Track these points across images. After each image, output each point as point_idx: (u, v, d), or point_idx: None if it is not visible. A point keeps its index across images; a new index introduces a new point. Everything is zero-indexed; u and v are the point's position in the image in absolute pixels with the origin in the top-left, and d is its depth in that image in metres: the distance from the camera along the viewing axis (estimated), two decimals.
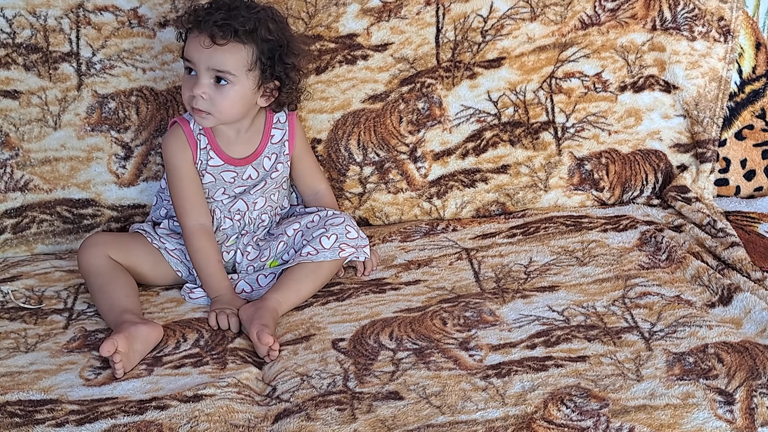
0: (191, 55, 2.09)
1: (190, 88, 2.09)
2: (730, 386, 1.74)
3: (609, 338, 1.89)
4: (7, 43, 2.32)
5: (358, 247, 2.17)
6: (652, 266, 2.17)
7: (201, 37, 2.07)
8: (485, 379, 1.79)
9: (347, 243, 2.15)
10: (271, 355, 1.92)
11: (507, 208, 2.48)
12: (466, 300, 2.06)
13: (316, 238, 2.14)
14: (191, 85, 2.09)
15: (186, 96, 2.11)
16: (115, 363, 1.85)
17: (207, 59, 2.07)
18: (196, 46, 2.08)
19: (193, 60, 2.08)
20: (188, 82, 2.11)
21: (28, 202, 2.37)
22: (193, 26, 2.10)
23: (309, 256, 2.12)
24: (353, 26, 2.38)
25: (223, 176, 2.20)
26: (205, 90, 2.08)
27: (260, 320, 1.97)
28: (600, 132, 2.47)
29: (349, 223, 2.19)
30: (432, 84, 2.43)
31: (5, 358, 1.93)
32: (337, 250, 2.14)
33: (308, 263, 2.12)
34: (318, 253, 2.13)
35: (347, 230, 2.17)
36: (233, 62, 2.08)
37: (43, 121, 2.35)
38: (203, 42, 2.07)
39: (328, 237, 2.14)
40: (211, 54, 2.07)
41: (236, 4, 2.11)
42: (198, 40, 2.07)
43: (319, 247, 2.13)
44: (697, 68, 2.45)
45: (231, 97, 2.10)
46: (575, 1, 2.41)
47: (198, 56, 2.08)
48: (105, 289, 2.08)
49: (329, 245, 2.14)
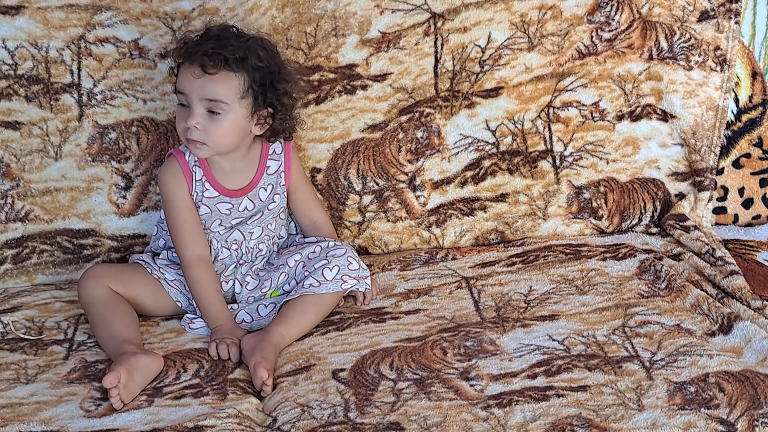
0: (183, 86, 2.10)
1: (184, 120, 2.11)
2: (731, 416, 1.74)
3: (610, 368, 1.90)
4: (9, 74, 2.33)
5: (360, 279, 2.18)
6: (652, 295, 2.17)
7: (192, 68, 2.09)
8: (486, 409, 1.79)
9: (349, 274, 2.16)
10: (264, 390, 1.92)
11: (506, 237, 2.49)
12: (467, 329, 2.06)
13: (318, 270, 2.15)
14: (185, 116, 2.10)
15: (180, 128, 2.12)
16: (112, 396, 1.85)
17: (199, 89, 2.08)
18: (188, 77, 2.09)
19: (186, 91, 2.09)
20: (182, 114, 2.12)
21: (28, 233, 2.37)
22: (184, 58, 2.11)
23: (311, 288, 2.12)
24: (352, 57, 2.39)
25: (218, 208, 2.20)
26: (199, 120, 2.09)
27: (261, 352, 1.97)
28: (598, 161, 2.48)
29: (351, 254, 2.19)
30: (431, 113, 2.44)
31: (5, 390, 1.93)
32: (340, 281, 2.14)
33: (310, 295, 2.12)
34: (320, 285, 2.13)
35: (349, 261, 2.17)
36: (225, 91, 2.09)
37: (44, 152, 2.35)
38: (194, 72, 2.08)
39: (330, 269, 2.15)
40: (203, 84, 2.08)
41: (225, 34, 2.14)
42: (189, 71, 2.09)
43: (321, 278, 2.13)
44: (694, 97, 2.46)
45: (225, 126, 2.11)
46: (572, 31, 2.42)
47: (190, 87, 2.09)
48: (105, 319, 2.08)
49: (331, 277, 2.14)
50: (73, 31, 2.33)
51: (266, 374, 1.91)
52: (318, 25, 2.36)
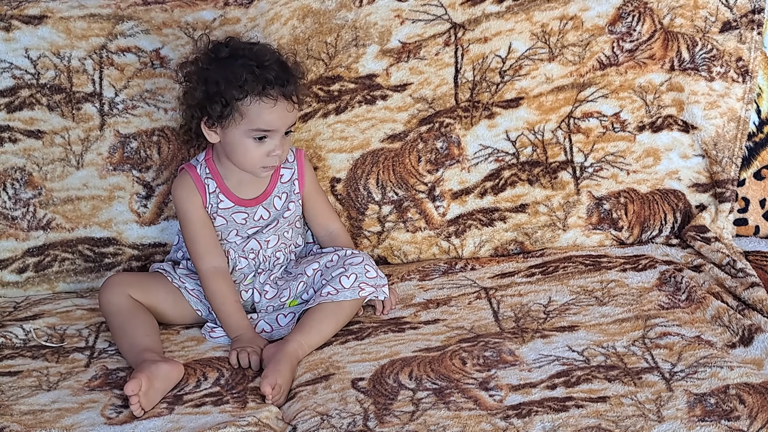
0: (276, 123, 2.11)
1: (264, 153, 2.12)
2: (752, 428, 1.73)
3: (629, 379, 1.89)
4: (32, 83, 2.35)
5: (377, 287, 2.18)
6: (672, 306, 2.16)
7: (283, 104, 2.11)
8: (506, 419, 1.78)
9: (366, 282, 2.16)
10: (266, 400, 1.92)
11: (525, 247, 2.49)
12: (486, 339, 2.06)
13: (336, 278, 2.15)
14: (266, 149, 2.12)
15: (258, 160, 2.13)
16: (132, 404, 1.86)
17: (289, 121, 2.14)
18: (282, 113, 2.11)
19: (277, 127, 2.11)
20: (260, 148, 2.12)
21: (50, 241, 2.39)
22: (256, 94, 2.09)
23: (329, 296, 2.13)
24: (373, 67, 2.40)
25: (234, 218, 2.21)
26: (284, 146, 2.14)
27: (275, 365, 1.96)
28: (618, 172, 2.48)
29: (368, 262, 2.19)
30: (450, 124, 2.44)
31: (27, 396, 1.94)
32: (357, 289, 2.15)
33: (329, 303, 2.13)
34: (338, 293, 2.13)
35: (366, 269, 2.17)
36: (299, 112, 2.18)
37: (65, 161, 2.37)
38: (288, 108, 2.12)
39: (348, 276, 2.15)
40: (292, 115, 2.14)
41: (274, 57, 2.15)
42: (282, 108, 2.11)
43: (339, 286, 2.14)
44: (715, 108, 2.45)
45: (290, 142, 2.19)
46: (593, 41, 2.42)
47: (283, 122, 2.12)
48: (126, 328, 2.09)
49: (349, 285, 2.14)
50: (95, 41, 2.34)
51: (269, 390, 1.90)
52: (338, 36, 2.37)
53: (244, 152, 2.13)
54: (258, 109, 2.10)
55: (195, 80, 2.16)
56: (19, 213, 2.37)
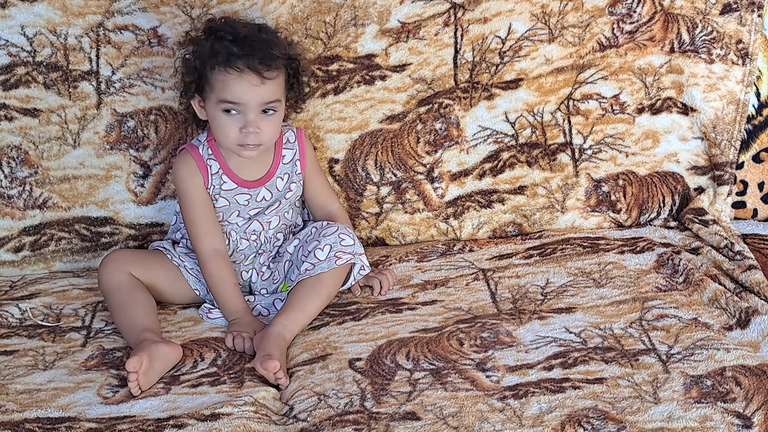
0: (241, 96, 2.07)
1: (237, 129, 2.09)
2: (748, 409, 1.73)
3: (626, 360, 1.89)
4: (28, 61, 2.33)
5: (354, 254, 2.16)
6: (670, 289, 2.16)
7: (247, 77, 2.06)
8: (502, 400, 1.78)
9: (342, 251, 2.14)
10: (279, 381, 1.91)
11: (524, 229, 2.48)
12: (483, 321, 2.06)
13: (311, 252, 2.13)
14: (237, 124, 2.09)
15: (233, 137, 2.10)
16: (131, 381, 1.85)
17: (258, 96, 2.08)
18: (246, 86, 2.07)
19: (244, 101, 2.07)
20: (232, 122, 2.09)
21: (46, 220, 2.38)
22: (224, 65, 2.07)
23: (307, 272, 2.11)
24: (372, 47, 2.39)
25: (237, 199, 2.20)
26: (258, 125, 2.09)
27: (262, 351, 1.95)
28: (617, 154, 2.47)
29: (343, 231, 2.17)
30: (450, 105, 2.43)
31: (24, 376, 1.94)
32: (334, 259, 2.13)
33: (308, 279, 2.11)
34: (315, 266, 2.11)
35: (341, 238, 2.15)
36: (277, 90, 2.11)
37: (62, 140, 2.36)
38: (253, 81, 2.07)
39: (322, 249, 2.13)
40: (261, 90, 2.08)
41: (257, 33, 2.13)
42: (246, 81, 2.06)
43: (315, 260, 2.12)
44: (715, 91, 2.45)
45: (275, 123, 2.13)
46: (593, 23, 2.41)
47: (249, 96, 2.07)
48: (125, 306, 2.09)
49: (324, 256, 2.12)
50: (92, 19, 2.33)
51: (276, 364, 1.89)
52: (337, 15, 2.36)
53: (218, 127, 2.11)
54: (223, 79, 2.08)
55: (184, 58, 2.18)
56: (16, 192, 2.37)
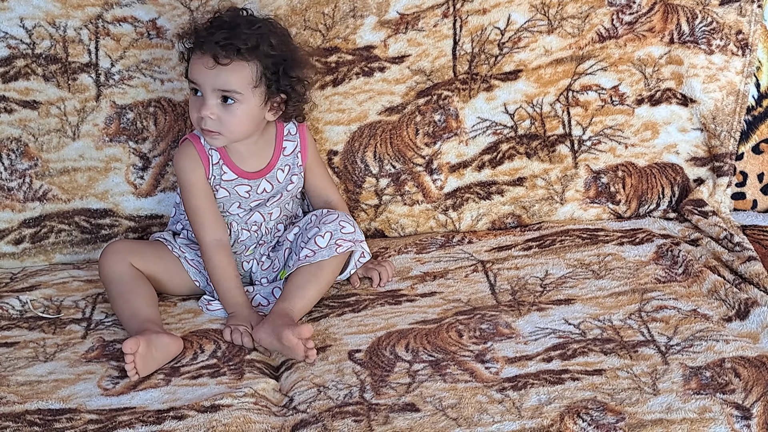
0: (196, 77, 2.08)
1: (197, 109, 2.09)
2: (747, 401, 1.73)
3: (625, 352, 1.89)
4: (27, 53, 2.33)
5: (355, 242, 2.15)
6: (669, 280, 2.16)
7: (204, 59, 2.07)
8: (501, 391, 1.79)
9: (343, 238, 2.13)
10: (309, 355, 1.90)
11: (523, 221, 2.48)
12: (482, 312, 2.06)
13: (312, 239, 2.13)
14: (198, 105, 2.09)
15: (194, 117, 2.11)
16: (127, 363, 1.86)
17: (212, 80, 2.07)
18: (200, 67, 2.07)
19: (199, 82, 2.08)
20: (195, 103, 2.11)
21: (46, 212, 2.38)
22: (195, 47, 2.10)
23: (307, 259, 2.11)
24: (370, 38, 2.39)
25: (237, 190, 2.20)
26: (213, 110, 2.08)
27: (282, 323, 1.94)
28: (617, 145, 2.47)
29: (344, 218, 2.16)
30: (448, 96, 2.43)
31: (24, 367, 1.95)
32: (334, 246, 2.12)
33: (308, 266, 2.11)
34: (315, 253, 2.11)
35: (342, 226, 2.15)
36: (238, 81, 2.07)
37: (61, 132, 2.36)
38: (207, 63, 2.06)
39: (323, 236, 2.13)
40: (216, 74, 2.06)
41: (237, 21, 2.11)
42: (201, 62, 2.07)
43: (315, 247, 2.12)
44: (714, 82, 2.45)
45: (239, 116, 2.10)
46: (593, 14, 2.41)
47: (203, 78, 2.07)
48: (126, 297, 2.09)
49: (324, 244, 2.12)
50: (91, 11, 2.33)
51: (309, 328, 1.89)
52: (336, 6, 2.36)
53: (189, 104, 2.13)
54: (192, 60, 2.11)
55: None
56: (15, 184, 2.37)
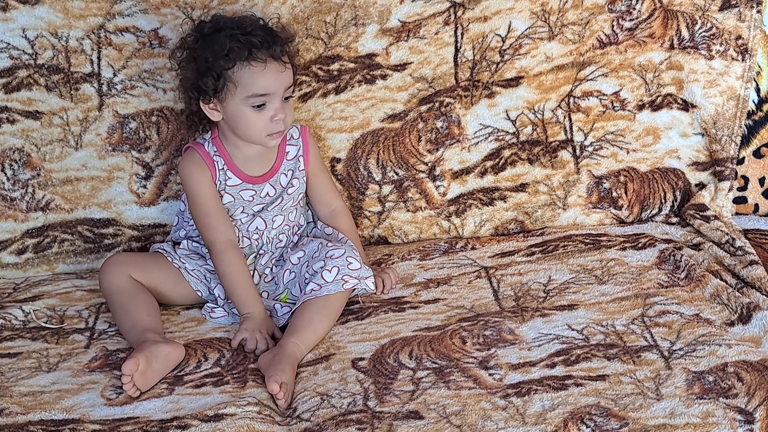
0: (268, 87, 2.09)
1: (265, 120, 2.11)
2: (750, 405, 1.73)
3: (628, 357, 1.89)
4: (29, 63, 2.34)
5: (361, 278, 2.14)
6: (671, 285, 2.16)
7: (271, 66, 2.09)
8: (505, 398, 1.79)
9: (350, 274, 2.12)
10: (278, 404, 1.87)
11: (525, 227, 2.49)
12: (486, 319, 2.06)
13: (318, 273, 2.11)
14: (266, 116, 2.10)
15: (261, 128, 2.11)
16: (124, 384, 1.86)
17: (284, 83, 2.11)
18: (274, 74, 2.10)
19: (272, 90, 2.10)
20: (261, 116, 2.11)
21: (49, 222, 2.39)
22: (240, 60, 2.08)
23: (313, 293, 2.09)
24: (372, 46, 2.39)
25: (242, 195, 2.21)
26: (285, 111, 2.13)
27: (278, 364, 1.92)
28: (618, 150, 2.48)
29: (351, 254, 2.15)
30: (450, 103, 2.43)
31: (27, 378, 1.95)
32: (341, 282, 2.10)
33: (316, 299, 2.09)
34: (321, 288, 2.09)
35: (349, 261, 2.13)
36: (293, 73, 2.15)
37: (64, 141, 2.37)
38: (279, 68, 2.10)
39: (329, 270, 2.11)
40: (285, 76, 2.12)
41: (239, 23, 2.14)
42: (270, 70, 2.09)
43: (322, 281, 2.10)
44: (715, 87, 2.45)
45: (292, 105, 2.18)
46: (593, 20, 2.41)
47: (278, 84, 2.10)
48: (126, 308, 2.09)
49: (331, 278, 2.10)
50: (93, 21, 2.34)
51: (277, 387, 1.86)
52: (338, 15, 2.36)
53: (246, 123, 2.12)
54: (249, 74, 2.09)
55: (186, 62, 2.17)
56: (18, 194, 2.37)
